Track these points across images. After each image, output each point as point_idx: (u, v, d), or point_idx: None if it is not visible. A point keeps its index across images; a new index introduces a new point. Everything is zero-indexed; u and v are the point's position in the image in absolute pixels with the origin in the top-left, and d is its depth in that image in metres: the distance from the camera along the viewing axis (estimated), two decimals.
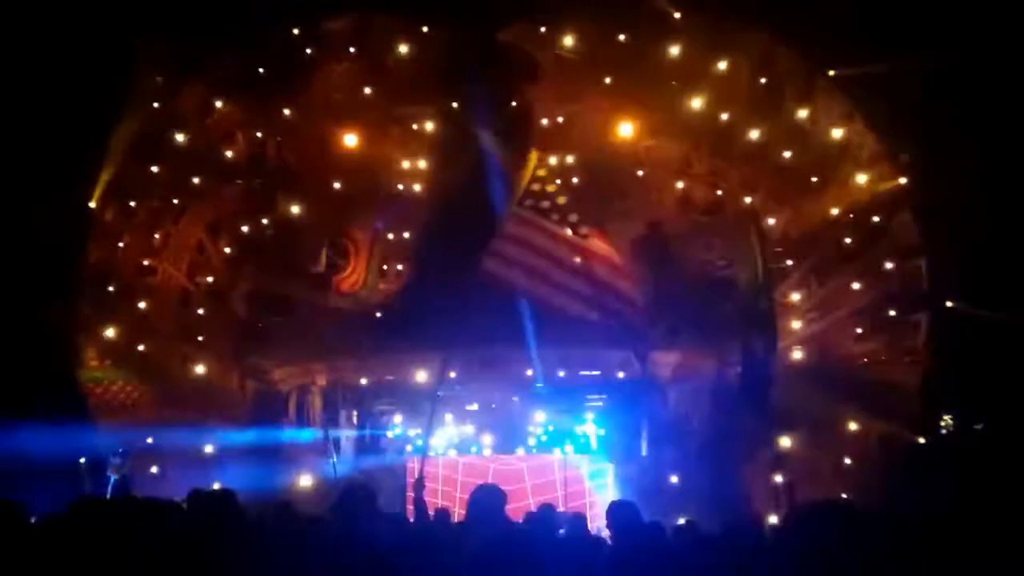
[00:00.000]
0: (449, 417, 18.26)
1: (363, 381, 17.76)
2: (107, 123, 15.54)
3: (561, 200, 14.77)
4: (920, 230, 15.50)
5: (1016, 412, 14.44)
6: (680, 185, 17.36)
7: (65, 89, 14.49)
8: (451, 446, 18.51)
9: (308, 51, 17.08)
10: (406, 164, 17.73)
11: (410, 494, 16.80)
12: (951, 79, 14.00)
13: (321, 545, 5.54)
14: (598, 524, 11.92)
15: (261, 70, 16.99)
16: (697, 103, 16.76)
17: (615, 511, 6.39)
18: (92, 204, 15.98)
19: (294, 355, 17.49)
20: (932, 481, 13.80)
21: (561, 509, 14.55)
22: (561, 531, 7.64)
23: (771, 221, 16.95)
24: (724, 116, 16.84)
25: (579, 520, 7.95)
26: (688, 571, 5.62)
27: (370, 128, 17.33)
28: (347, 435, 18.21)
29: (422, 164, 17.71)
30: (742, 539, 6.41)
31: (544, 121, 17.25)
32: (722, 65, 16.66)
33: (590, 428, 18.36)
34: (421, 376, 17.46)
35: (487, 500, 5.53)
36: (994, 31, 13.76)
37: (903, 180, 15.54)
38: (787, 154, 16.57)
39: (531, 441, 18.55)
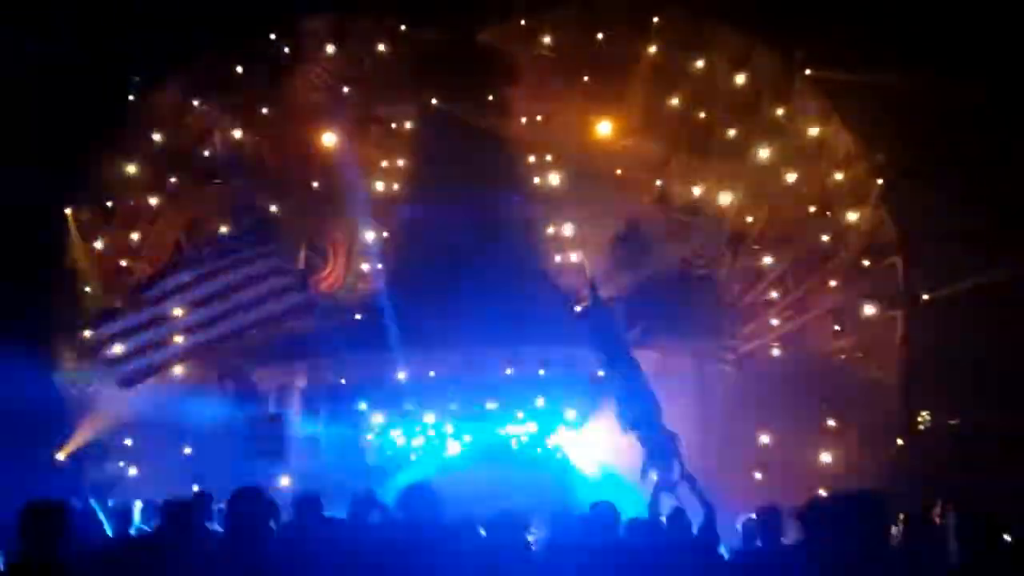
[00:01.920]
0: (429, 418, 18.19)
1: (343, 381, 17.70)
2: (86, 123, 15.46)
3: None
4: (896, 228, 15.61)
5: (994, 408, 14.57)
6: (658, 183, 17.39)
7: (43, 89, 14.41)
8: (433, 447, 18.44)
9: (286, 50, 17.05)
10: (385, 163, 17.69)
11: None
12: (927, 78, 14.11)
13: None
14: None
15: (239, 69, 16.94)
16: (675, 102, 16.85)
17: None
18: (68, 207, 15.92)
19: (273, 356, 17.40)
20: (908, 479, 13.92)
21: None
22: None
23: (748, 219, 17.02)
24: (702, 115, 16.94)
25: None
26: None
27: (349, 128, 17.27)
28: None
29: (401, 163, 17.68)
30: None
31: (523, 120, 17.25)
32: (700, 64, 16.76)
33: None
34: (401, 376, 17.46)
35: (419, 499, 5.43)
36: (974, 30, 13.90)
37: (879, 179, 15.65)
38: (764, 153, 16.64)
39: (512, 442, 18.48)
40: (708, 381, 17.07)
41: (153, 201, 17.10)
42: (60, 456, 15.28)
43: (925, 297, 15.29)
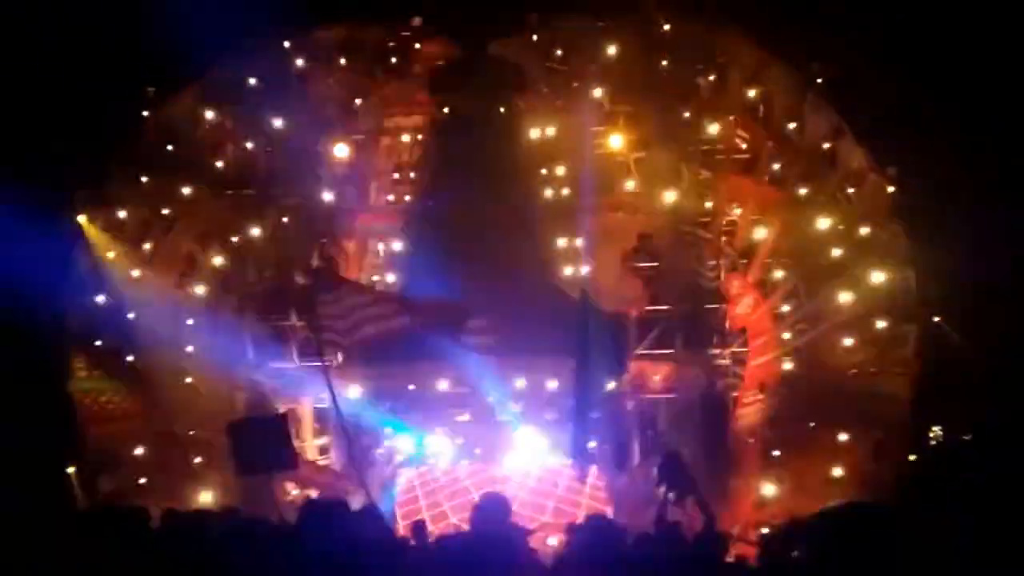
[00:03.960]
0: (440, 429, 18.16)
1: (354, 392, 17.67)
2: (98, 132, 15.56)
3: None
4: (909, 242, 15.55)
5: (1004, 423, 14.48)
6: (670, 196, 17.37)
7: (58, 98, 14.51)
8: (442, 457, 18.39)
9: (299, 62, 17.14)
10: (396, 175, 17.75)
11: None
12: (942, 93, 14.11)
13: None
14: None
15: (252, 81, 17.04)
16: (687, 115, 16.86)
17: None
18: (82, 217, 15.99)
19: (285, 366, 17.45)
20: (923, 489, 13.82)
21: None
22: None
23: (761, 232, 16.99)
24: (714, 128, 16.94)
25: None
26: None
27: (361, 139, 17.35)
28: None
29: (412, 175, 17.73)
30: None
31: (535, 132, 17.27)
32: (712, 78, 16.78)
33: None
34: (412, 387, 17.48)
35: (492, 509, 5.43)
36: (989, 45, 13.90)
37: (891, 189, 15.61)
38: (776, 166, 16.63)
39: (521, 452, 18.41)
40: (719, 394, 17.03)
41: (166, 211, 17.18)
42: (70, 469, 15.25)
43: (936, 319, 15.16)
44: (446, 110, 17.17)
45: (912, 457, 15.53)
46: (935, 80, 14.11)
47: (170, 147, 16.99)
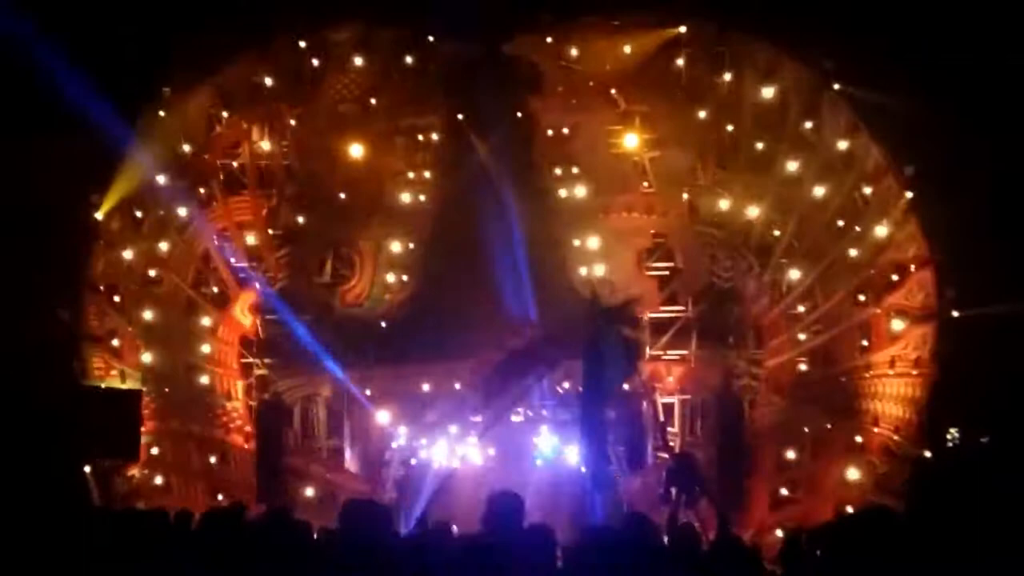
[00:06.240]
0: (453, 429, 18.15)
1: (368, 392, 17.72)
2: (117, 133, 15.60)
3: None
4: (926, 242, 15.44)
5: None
6: (685, 196, 17.33)
7: (73, 98, 14.55)
8: (454, 457, 18.38)
9: (314, 61, 17.18)
10: (411, 175, 17.74)
11: None
12: (957, 89, 14.01)
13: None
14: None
15: (268, 80, 17.08)
16: (703, 114, 16.81)
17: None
18: (99, 215, 16.04)
19: (299, 366, 17.49)
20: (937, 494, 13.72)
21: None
22: None
23: (776, 232, 16.95)
24: (729, 127, 16.89)
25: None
26: None
27: (376, 139, 17.36)
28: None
29: (427, 175, 17.73)
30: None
31: (549, 132, 17.24)
32: (727, 76, 16.72)
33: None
34: (426, 387, 17.49)
35: (506, 508, 5.37)
36: (1001, 42, 13.78)
37: (908, 192, 15.50)
38: (792, 166, 16.55)
39: (536, 453, 18.39)
40: (734, 395, 16.97)
41: (182, 211, 17.24)
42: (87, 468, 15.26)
43: (955, 314, 15.03)
44: (460, 117, 17.16)
45: (927, 454, 15.41)
46: (954, 78, 14.00)
47: (186, 147, 17.06)
